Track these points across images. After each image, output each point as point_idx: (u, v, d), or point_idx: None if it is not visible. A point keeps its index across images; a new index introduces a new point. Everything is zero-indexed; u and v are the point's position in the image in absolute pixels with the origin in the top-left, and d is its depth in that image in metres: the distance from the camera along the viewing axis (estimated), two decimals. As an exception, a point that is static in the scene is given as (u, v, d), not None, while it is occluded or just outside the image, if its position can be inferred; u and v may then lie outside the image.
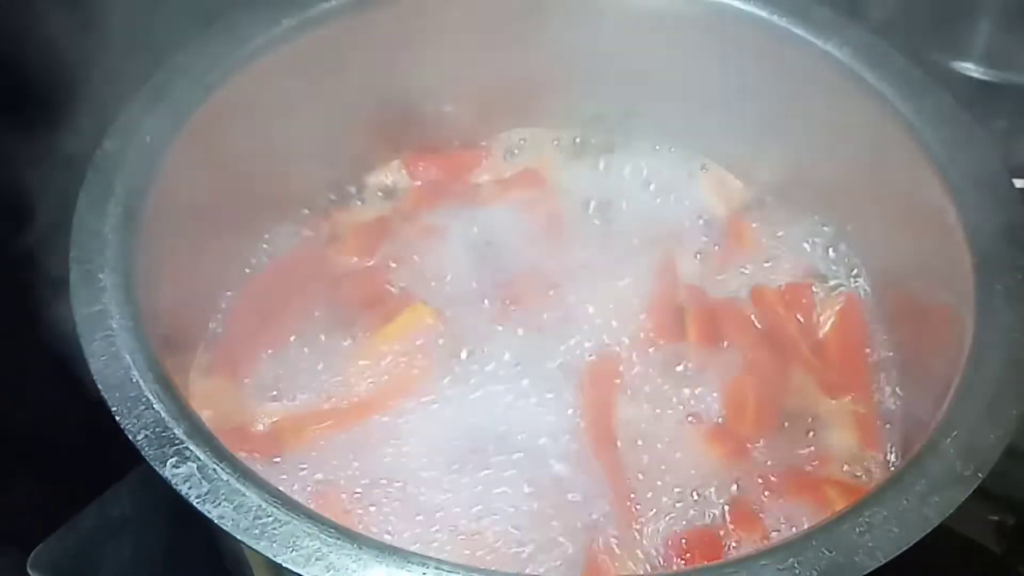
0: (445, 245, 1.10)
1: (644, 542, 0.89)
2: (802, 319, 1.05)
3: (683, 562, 0.87)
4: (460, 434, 0.95)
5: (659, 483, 0.93)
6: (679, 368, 1.00)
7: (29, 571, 0.99)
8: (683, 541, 0.89)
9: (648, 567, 0.88)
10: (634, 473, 0.93)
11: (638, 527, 0.90)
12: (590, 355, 1.01)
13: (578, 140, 1.21)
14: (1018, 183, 0.93)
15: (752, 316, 1.06)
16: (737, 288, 1.08)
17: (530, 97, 1.19)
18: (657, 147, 1.20)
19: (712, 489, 0.93)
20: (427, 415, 0.96)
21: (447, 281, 1.07)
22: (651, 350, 1.02)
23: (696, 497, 0.92)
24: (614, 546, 0.89)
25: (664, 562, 0.88)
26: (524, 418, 0.96)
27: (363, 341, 1.02)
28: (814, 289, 1.08)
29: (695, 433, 0.96)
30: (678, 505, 0.92)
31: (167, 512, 0.99)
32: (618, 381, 1.00)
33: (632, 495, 0.92)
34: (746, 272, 1.09)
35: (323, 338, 1.02)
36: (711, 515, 0.91)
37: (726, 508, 0.92)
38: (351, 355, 1.01)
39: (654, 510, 0.91)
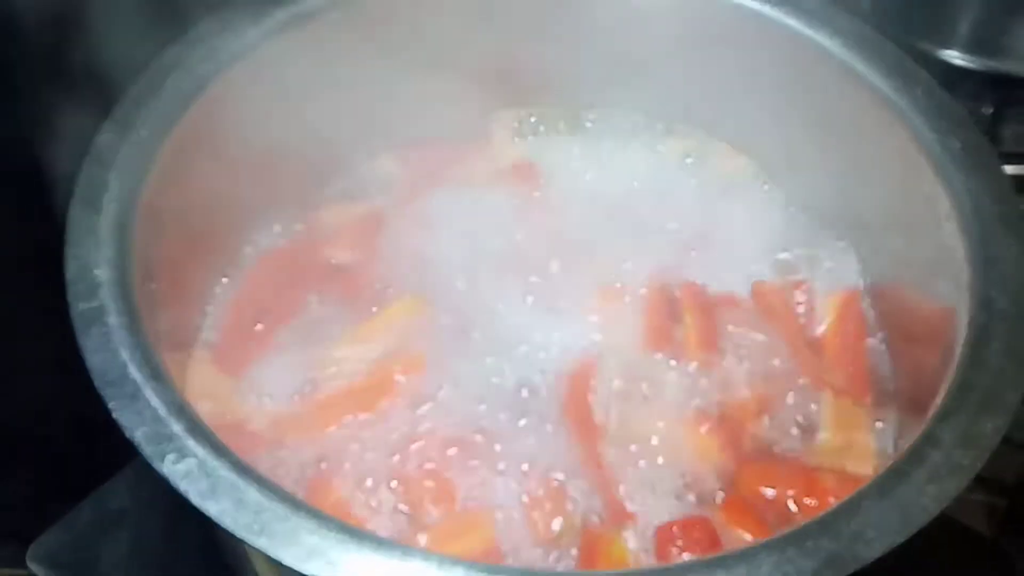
0: (438, 237, 1.09)
1: (635, 532, 0.89)
2: (801, 315, 1.05)
3: (676, 550, 0.87)
4: (453, 425, 0.95)
5: (650, 473, 0.93)
6: (674, 360, 1.00)
7: (28, 564, 0.99)
8: (674, 530, 0.88)
9: (640, 556, 0.88)
10: (624, 463, 0.93)
11: (629, 517, 0.90)
12: (584, 347, 1.01)
13: (573, 129, 1.21)
14: (1007, 170, 0.93)
15: (751, 311, 1.05)
16: (736, 282, 1.07)
17: (524, 86, 1.18)
18: (652, 137, 1.20)
19: (705, 480, 0.93)
20: (420, 407, 0.96)
21: (440, 272, 1.06)
22: (647, 341, 1.01)
23: (688, 488, 0.92)
24: (605, 536, 0.89)
25: (657, 550, 0.88)
26: (516, 409, 0.96)
27: (356, 334, 1.02)
28: (813, 285, 1.07)
29: (689, 425, 0.96)
30: (669, 495, 0.92)
31: (165, 505, 0.99)
32: (610, 372, 0.99)
33: (623, 486, 0.92)
34: (745, 266, 1.09)
35: (318, 331, 1.01)
36: (703, 505, 0.91)
37: (718, 498, 0.92)
38: (346, 348, 1.00)
39: (645, 500, 0.91)
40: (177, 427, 0.72)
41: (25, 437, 1.14)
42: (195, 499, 0.69)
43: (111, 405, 0.73)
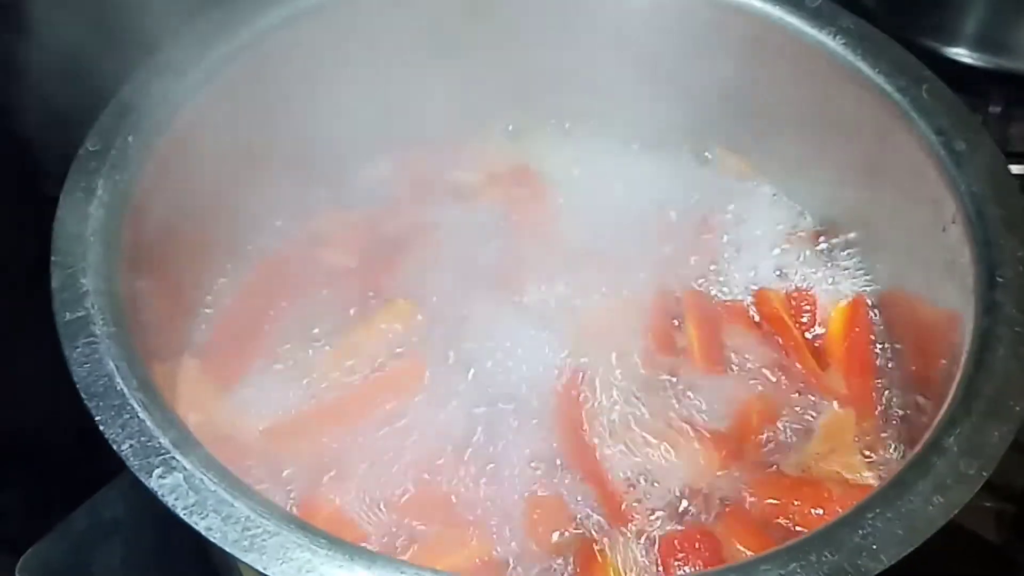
0: (434, 242, 1.08)
1: (636, 544, 0.88)
2: (806, 322, 1.04)
3: (678, 563, 0.86)
4: (446, 436, 0.94)
5: (652, 485, 0.92)
6: (677, 369, 0.99)
7: (19, 575, 0.98)
8: (676, 543, 0.87)
9: (642, 569, 0.87)
10: (625, 474, 0.93)
11: (630, 530, 0.89)
12: (584, 355, 1.00)
13: (571, 133, 1.20)
14: (1014, 169, 0.92)
15: (755, 320, 1.04)
16: (740, 291, 1.07)
17: (521, 91, 1.17)
18: (653, 141, 1.18)
19: (707, 492, 0.92)
20: (414, 416, 0.95)
21: (435, 278, 1.05)
22: (648, 351, 1.00)
23: (690, 500, 0.91)
24: (606, 550, 0.88)
25: (659, 564, 0.87)
26: (513, 419, 0.95)
27: (350, 341, 1.01)
28: (817, 292, 1.06)
29: (691, 435, 0.95)
30: (671, 507, 0.91)
31: (158, 514, 0.98)
32: (610, 381, 0.98)
33: (622, 498, 0.91)
34: (748, 273, 1.08)
35: (311, 340, 1.01)
36: (705, 518, 0.90)
37: (721, 510, 0.91)
38: (338, 356, 1.00)
39: (646, 512, 0.90)
40: (164, 440, 0.71)
41: (18, 446, 1.13)
42: (183, 514, 0.68)
43: (97, 418, 0.72)
